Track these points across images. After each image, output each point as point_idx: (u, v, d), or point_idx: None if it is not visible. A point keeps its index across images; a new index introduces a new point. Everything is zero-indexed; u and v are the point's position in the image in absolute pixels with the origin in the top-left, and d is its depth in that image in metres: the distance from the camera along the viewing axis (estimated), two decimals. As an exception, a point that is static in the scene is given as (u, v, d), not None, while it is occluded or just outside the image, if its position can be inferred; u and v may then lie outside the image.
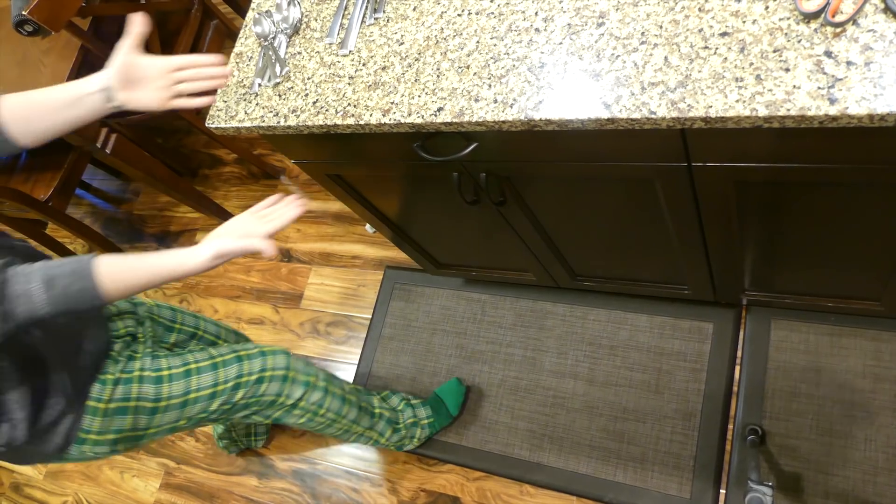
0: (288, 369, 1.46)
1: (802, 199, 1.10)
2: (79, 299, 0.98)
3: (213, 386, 1.35)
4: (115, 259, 1.03)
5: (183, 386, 1.31)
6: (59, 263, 0.99)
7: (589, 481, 1.71)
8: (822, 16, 0.85)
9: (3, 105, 1.05)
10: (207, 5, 2.26)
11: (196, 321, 1.63)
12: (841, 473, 1.50)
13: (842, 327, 1.61)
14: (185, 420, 1.34)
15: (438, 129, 1.08)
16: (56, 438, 1.18)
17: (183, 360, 1.34)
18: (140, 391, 1.26)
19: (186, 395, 1.31)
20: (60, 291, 0.97)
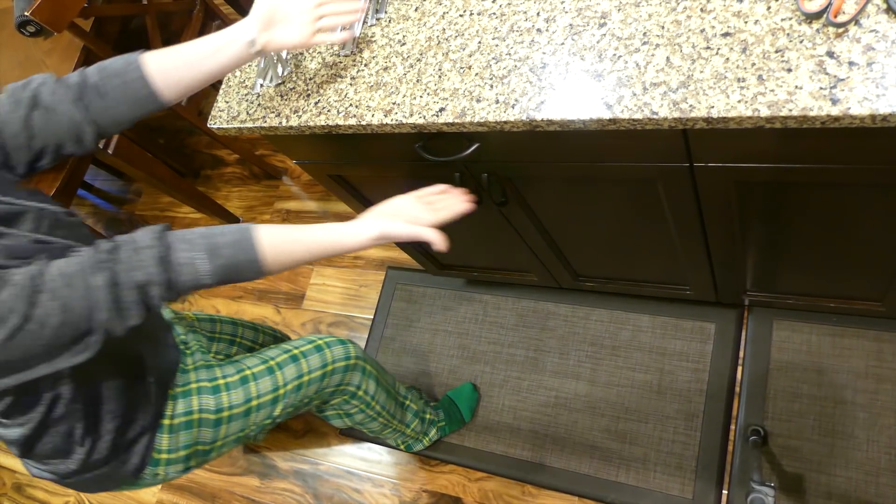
0: (349, 358, 1.43)
1: (804, 200, 1.10)
2: (241, 271, 0.93)
3: (273, 391, 1.29)
4: (274, 230, 0.97)
5: (242, 394, 1.25)
6: (220, 231, 0.93)
7: (591, 482, 1.71)
8: (824, 16, 0.85)
9: (148, 61, 1.00)
10: (209, 6, 2.26)
11: (234, 328, 1.59)
12: (843, 474, 1.50)
13: (844, 328, 1.61)
14: (252, 427, 1.28)
15: (440, 129, 1.08)
16: (134, 458, 1.12)
17: (237, 368, 1.28)
18: (200, 403, 1.20)
19: (248, 404, 1.25)
20: (224, 262, 0.92)
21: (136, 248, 0.87)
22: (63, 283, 0.81)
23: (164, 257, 0.88)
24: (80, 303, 0.82)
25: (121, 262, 0.86)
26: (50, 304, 0.79)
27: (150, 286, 0.87)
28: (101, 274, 0.84)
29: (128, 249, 0.87)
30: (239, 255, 0.93)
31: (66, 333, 0.82)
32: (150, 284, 0.87)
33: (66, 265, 0.83)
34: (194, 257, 0.90)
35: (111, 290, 0.84)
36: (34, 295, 0.79)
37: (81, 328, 0.83)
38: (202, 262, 0.90)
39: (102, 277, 0.84)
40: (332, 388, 1.41)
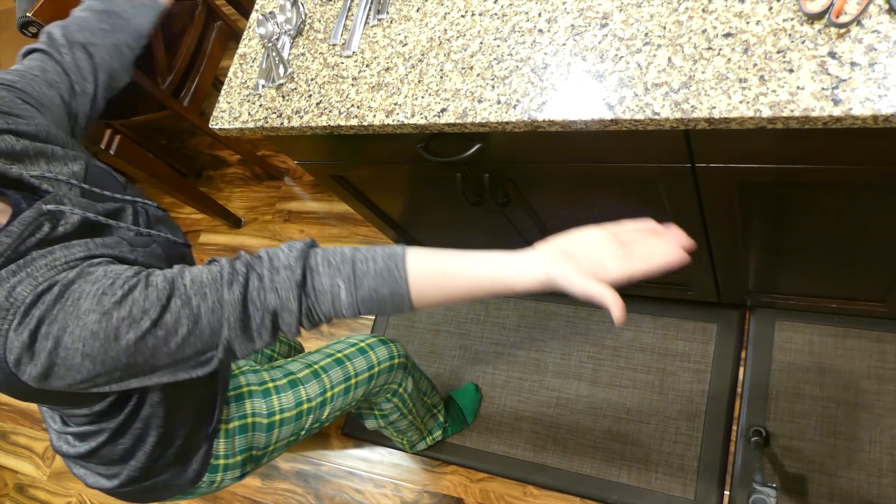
0: (392, 358, 1.42)
1: (806, 200, 1.10)
2: (383, 304, 0.80)
3: (321, 394, 1.28)
4: (428, 259, 0.81)
5: (293, 398, 1.24)
6: (366, 257, 0.80)
7: (592, 482, 1.70)
8: (826, 17, 0.85)
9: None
10: (211, 7, 2.26)
11: None
12: (845, 475, 1.50)
13: (846, 328, 1.60)
14: (302, 431, 1.27)
15: (442, 130, 1.08)
16: (194, 465, 1.11)
17: (283, 372, 1.27)
18: (253, 407, 1.19)
19: (299, 407, 1.24)
20: (367, 294, 0.79)
21: (275, 268, 0.79)
22: (196, 291, 0.76)
23: (302, 283, 0.78)
24: (210, 316, 0.76)
25: (256, 281, 0.78)
26: (181, 311, 0.75)
27: (282, 312, 0.78)
28: (234, 289, 0.77)
29: (267, 267, 0.79)
30: (384, 287, 0.79)
31: (192, 345, 0.77)
32: (283, 311, 0.78)
33: (201, 273, 0.78)
34: (336, 285, 0.79)
35: (242, 309, 0.77)
36: (169, 300, 0.75)
37: (207, 343, 0.77)
38: (344, 293, 0.79)
39: (235, 294, 0.77)
40: (378, 388, 1.42)
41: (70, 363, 0.73)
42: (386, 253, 0.81)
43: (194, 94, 2.23)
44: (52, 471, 2.52)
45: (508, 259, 0.81)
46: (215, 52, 2.29)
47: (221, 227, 2.66)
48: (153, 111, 2.18)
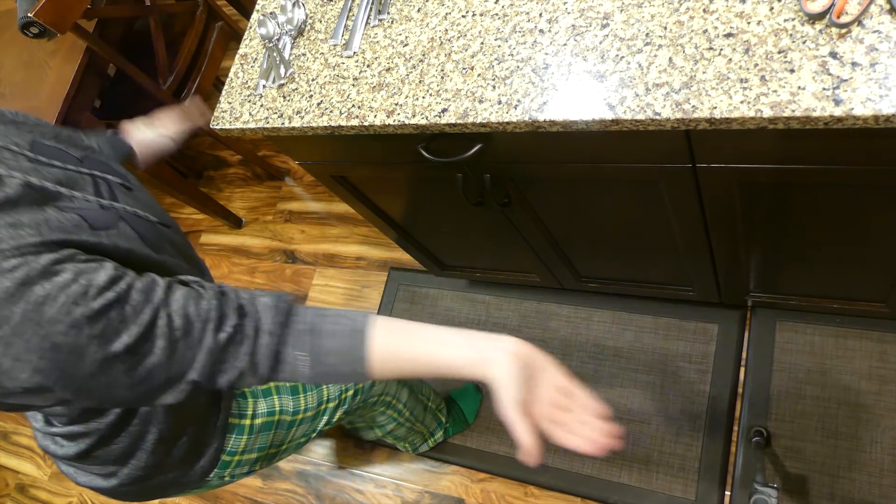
0: None
1: (807, 201, 1.10)
2: (340, 377, 0.80)
3: (338, 396, 1.27)
4: (391, 341, 0.79)
5: (315, 397, 1.22)
6: (331, 330, 0.78)
7: (593, 483, 1.70)
8: (827, 17, 0.85)
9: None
10: (212, 7, 2.26)
11: None
12: (846, 476, 1.49)
13: (847, 329, 1.60)
14: (313, 432, 1.25)
15: (443, 130, 1.08)
16: (203, 461, 1.05)
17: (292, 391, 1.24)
18: (281, 404, 1.15)
19: (319, 407, 1.23)
20: (326, 370, 0.78)
21: (260, 331, 0.75)
22: (180, 325, 0.70)
23: (277, 353, 0.76)
24: (185, 353, 0.71)
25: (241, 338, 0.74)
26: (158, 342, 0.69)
27: (248, 374, 0.76)
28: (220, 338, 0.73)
29: (253, 328, 0.75)
30: (345, 367, 0.78)
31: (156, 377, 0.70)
32: (249, 374, 0.76)
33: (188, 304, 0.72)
34: (297, 358, 0.77)
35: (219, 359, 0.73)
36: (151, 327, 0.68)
37: (173, 375, 0.71)
38: (303, 367, 0.78)
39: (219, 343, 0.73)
40: (375, 397, 1.40)
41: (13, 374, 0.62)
42: (350, 328, 0.78)
43: (195, 94, 2.23)
44: (53, 471, 2.52)
45: (468, 350, 0.78)
46: (216, 53, 2.29)
47: (222, 228, 2.67)
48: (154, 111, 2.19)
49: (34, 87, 2.03)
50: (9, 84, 2.10)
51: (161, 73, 2.14)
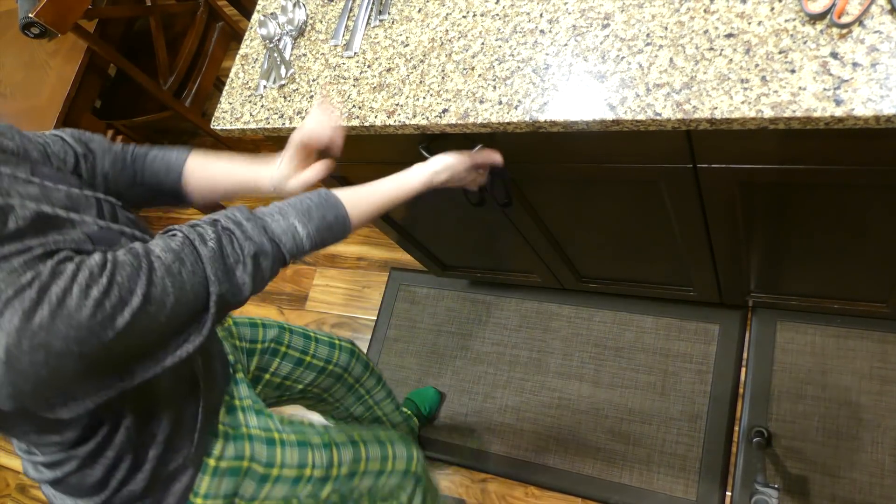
0: (410, 461, 1.34)
1: (808, 201, 1.10)
2: (332, 229, 0.93)
3: (328, 468, 1.17)
4: (346, 189, 0.98)
5: (297, 456, 1.12)
6: (302, 198, 0.94)
7: (594, 483, 1.70)
8: (828, 17, 0.84)
9: (189, 168, 1.09)
10: (213, 7, 2.26)
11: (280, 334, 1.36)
12: (847, 476, 1.49)
13: (848, 329, 1.60)
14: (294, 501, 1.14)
15: (443, 130, 1.08)
16: (170, 498, 0.98)
17: (295, 429, 1.16)
18: (253, 451, 1.06)
19: (302, 470, 1.12)
20: (318, 223, 0.91)
21: (236, 222, 0.85)
22: (172, 258, 0.76)
23: (265, 227, 0.87)
24: (193, 278, 0.77)
25: (227, 234, 0.83)
26: (164, 280, 0.73)
27: (260, 256, 0.84)
28: (210, 245, 0.80)
29: (231, 223, 0.85)
30: (329, 213, 0.93)
31: (182, 313, 0.75)
32: (260, 254, 0.84)
33: (171, 241, 0.79)
34: (290, 223, 0.89)
35: (223, 261, 0.80)
36: (150, 272, 0.73)
37: (196, 306, 0.77)
38: (299, 227, 0.89)
39: (210, 250, 0.80)
40: (386, 493, 1.31)
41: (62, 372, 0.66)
42: (316, 192, 0.95)
43: (196, 94, 2.23)
44: (54, 471, 2.52)
45: (403, 172, 1.06)
46: (217, 53, 2.29)
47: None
48: (155, 112, 2.19)
49: (35, 87, 2.03)
50: (9, 84, 2.11)
51: (161, 74, 2.14)
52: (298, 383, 1.38)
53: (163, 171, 1.07)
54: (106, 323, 0.68)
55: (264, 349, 1.32)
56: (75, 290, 0.67)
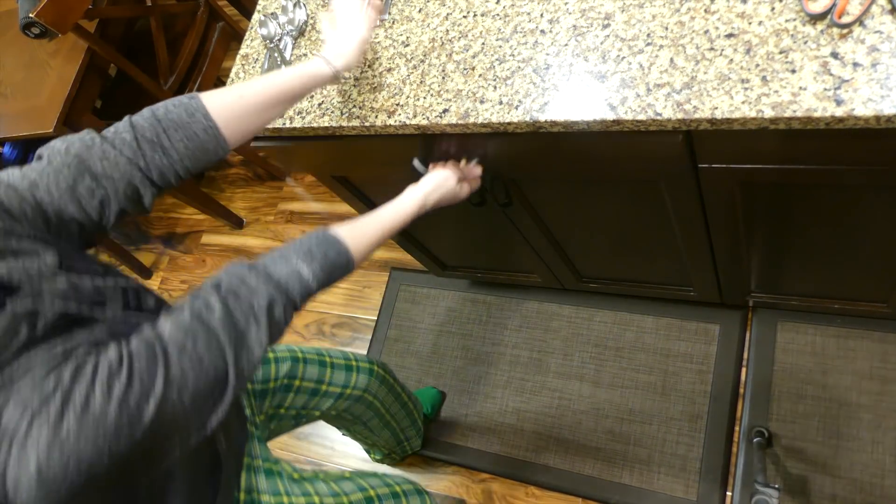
0: None
1: (809, 201, 1.10)
2: (336, 266, 0.91)
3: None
4: (345, 225, 0.96)
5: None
6: (301, 240, 0.90)
7: (595, 483, 1.70)
8: (829, 17, 0.84)
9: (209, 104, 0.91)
10: (213, 7, 2.26)
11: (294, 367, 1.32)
12: (848, 476, 1.49)
13: (848, 329, 1.60)
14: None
15: (444, 130, 1.08)
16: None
17: (302, 490, 1.12)
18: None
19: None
20: (322, 261, 0.88)
21: (239, 279, 0.80)
22: (184, 336, 0.73)
23: (270, 276, 0.83)
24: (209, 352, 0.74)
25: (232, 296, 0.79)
26: (182, 361, 0.71)
27: (270, 309, 0.80)
28: (216, 315, 0.76)
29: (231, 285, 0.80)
30: (330, 252, 0.90)
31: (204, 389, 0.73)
32: (270, 307, 0.80)
33: (179, 318, 0.75)
34: (293, 266, 0.85)
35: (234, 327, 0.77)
36: (164, 358, 0.70)
37: (217, 378, 0.74)
38: (304, 267, 0.86)
39: (219, 318, 0.76)
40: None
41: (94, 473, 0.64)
42: (313, 232, 0.92)
43: (196, 94, 2.23)
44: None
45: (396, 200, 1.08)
46: (217, 53, 2.29)
47: (223, 228, 2.67)
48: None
49: (35, 87, 2.03)
50: (10, 84, 2.11)
51: (162, 74, 2.14)
52: (315, 410, 1.37)
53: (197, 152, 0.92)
54: (133, 419, 0.66)
55: (277, 387, 1.28)
56: (98, 391, 0.65)
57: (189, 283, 2.64)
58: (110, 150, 0.84)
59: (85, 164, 0.82)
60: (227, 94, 0.94)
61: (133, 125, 0.87)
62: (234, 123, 0.94)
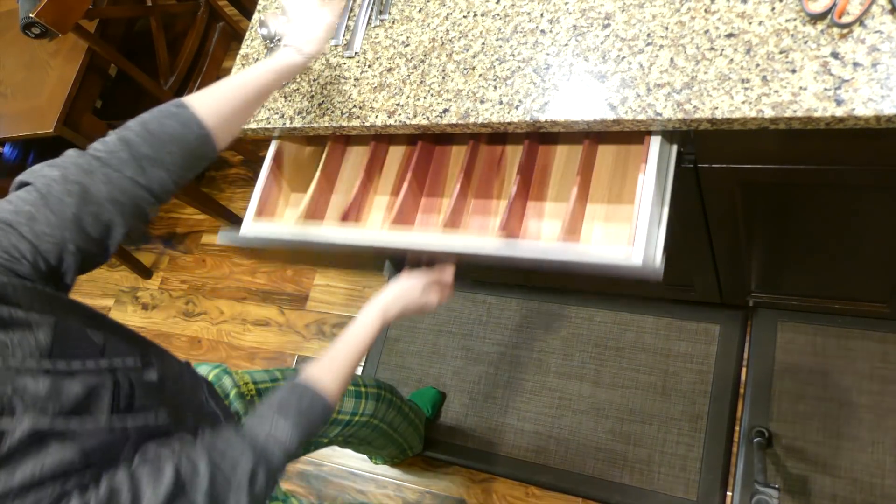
0: None
1: (809, 201, 1.10)
2: (313, 413, 0.89)
3: None
4: (314, 366, 0.94)
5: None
6: (274, 395, 0.89)
7: (595, 483, 1.70)
8: (829, 17, 0.84)
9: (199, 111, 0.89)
10: (213, 7, 2.26)
11: None
12: (848, 476, 1.49)
13: (849, 329, 1.60)
14: None
15: (444, 130, 1.08)
16: None
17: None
18: None
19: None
20: (295, 414, 0.87)
21: (220, 452, 0.78)
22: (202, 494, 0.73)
23: (250, 441, 0.82)
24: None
25: (216, 471, 0.76)
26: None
27: (253, 477, 0.79)
28: (201, 490, 0.74)
29: (213, 457, 0.78)
30: (304, 399, 0.89)
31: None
32: (253, 475, 0.79)
33: (160, 489, 0.71)
34: (272, 426, 0.84)
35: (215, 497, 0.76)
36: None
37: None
38: (281, 427, 0.85)
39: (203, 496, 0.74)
40: None
41: None
42: (285, 386, 0.90)
43: (197, 94, 2.23)
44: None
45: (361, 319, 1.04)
46: (217, 53, 2.29)
47: (224, 228, 2.67)
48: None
49: (35, 87, 2.03)
50: (10, 84, 2.11)
51: (162, 74, 2.14)
52: (323, 438, 1.38)
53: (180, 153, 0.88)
54: None
55: None
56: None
57: (189, 282, 2.64)
58: (112, 173, 0.80)
59: (88, 190, 0.77)
60: (213, 99, 0.92)
61: (127, 142, 0.83)
62: (223, 126, 0.92)
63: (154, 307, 2.65)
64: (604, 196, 1.09)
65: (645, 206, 0.92)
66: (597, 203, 1.09)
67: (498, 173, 1.19)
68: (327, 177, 1.24)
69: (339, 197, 1.25)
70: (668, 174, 0.99)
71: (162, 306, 2.64)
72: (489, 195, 1.17)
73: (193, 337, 2.51)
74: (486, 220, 1.16)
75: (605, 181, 1.10)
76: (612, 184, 1.09)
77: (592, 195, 1.09)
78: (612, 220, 1.06)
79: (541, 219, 1.12)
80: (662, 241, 0.95)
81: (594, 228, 1.07)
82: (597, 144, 1.10)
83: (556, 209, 1.12)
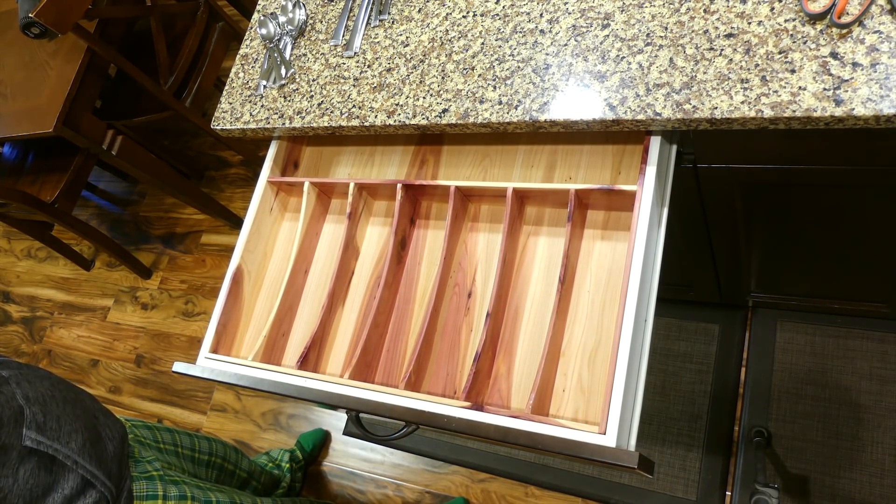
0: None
1: (808, 201, 1.10)
2: None
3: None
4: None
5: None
6: None
7: (595, 483, 1.70)
8: (828, 17, 0.84)
9: None
10: (213, 7, 2.26)
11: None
12: (847, 476, 1.49)
13: (848, 329, 1.60)
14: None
15: (444, 130, 1.08)
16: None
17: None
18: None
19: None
20: None
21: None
22: None
23: None
24: None
25: None
26: None
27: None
28: None
29: None
30: None
31: None
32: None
33: None
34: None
35: None
36: None
37: None
38: None
39: None
40: None
41: None
42: None
43: (196, 94, 2.23)
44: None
45: None
46: (217, 53, 2.29)
47: (223, 228, 2.67)
48: (155, 112, 2.19)
49: (35, 87, 2.03)
50: (10, 84, 2.11)
51: (162, 74, 2.14)
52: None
53: None
54: None
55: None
56: None
57: (188, 282, 2.64)
58: None
59: None
60: None
61: None
62: None
63: (153, 307, 2.66)
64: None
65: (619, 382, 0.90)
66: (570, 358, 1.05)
67: (466, 316, 1.12)
68: (289, 306, 1.20)
69: (298, 333, 1.21)
70: (668, 174, 0.99)
71: (161, 306, 2.64)
72: (456, 344, 1.11)
73: (193, 336, 2.51)
74: (451, 376, 1.10)
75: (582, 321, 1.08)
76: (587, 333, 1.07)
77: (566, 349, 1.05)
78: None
79: (510, 378, 1.07)
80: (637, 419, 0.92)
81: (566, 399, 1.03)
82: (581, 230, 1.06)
83: (526, 367, 1.08)
